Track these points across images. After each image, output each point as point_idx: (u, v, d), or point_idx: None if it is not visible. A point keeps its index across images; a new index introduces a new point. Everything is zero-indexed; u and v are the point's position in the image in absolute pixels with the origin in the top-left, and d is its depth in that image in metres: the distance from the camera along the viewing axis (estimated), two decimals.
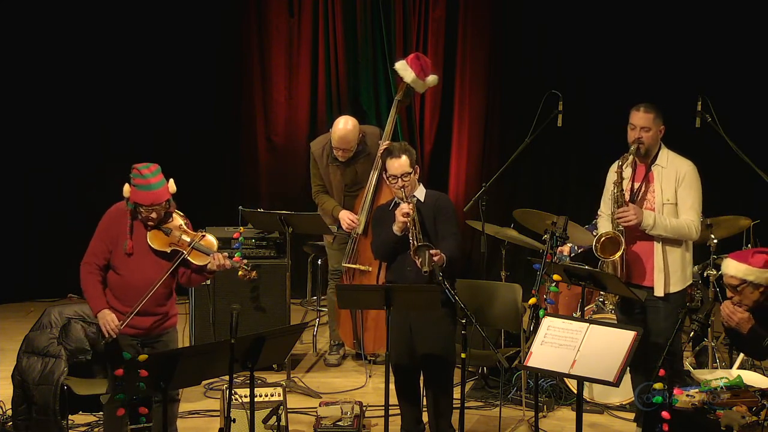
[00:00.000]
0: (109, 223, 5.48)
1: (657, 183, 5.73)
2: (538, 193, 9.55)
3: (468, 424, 6.04)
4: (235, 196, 9.32)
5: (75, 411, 6.08)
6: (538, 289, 5.61)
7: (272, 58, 9.52)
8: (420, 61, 7.37)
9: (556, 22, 9.27)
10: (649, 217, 5.66)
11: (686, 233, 5.72)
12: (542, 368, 4.89)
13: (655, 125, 5.72)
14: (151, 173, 5.40)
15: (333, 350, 7.55)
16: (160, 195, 5.38)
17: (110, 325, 5.38)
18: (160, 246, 5.44)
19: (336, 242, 7.40)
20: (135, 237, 5.44)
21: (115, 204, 5.52)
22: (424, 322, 5.68)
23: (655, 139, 5.75)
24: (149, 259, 5.44)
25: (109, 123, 9.44)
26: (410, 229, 5.59)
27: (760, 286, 4.92)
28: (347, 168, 7.28)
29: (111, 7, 9.27)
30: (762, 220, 7.24)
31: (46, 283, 9.38)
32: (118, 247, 5.43)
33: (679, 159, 5.80)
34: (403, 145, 5.82)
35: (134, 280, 5.41)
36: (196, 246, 5.45)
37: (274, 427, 5.66)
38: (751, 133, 8.24)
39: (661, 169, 5.75)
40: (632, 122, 5.76)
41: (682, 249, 5.76)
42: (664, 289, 5.71)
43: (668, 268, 5.73)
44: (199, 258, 5.49)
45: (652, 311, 5.74)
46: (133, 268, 5.43)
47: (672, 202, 5.71)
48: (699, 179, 5.78)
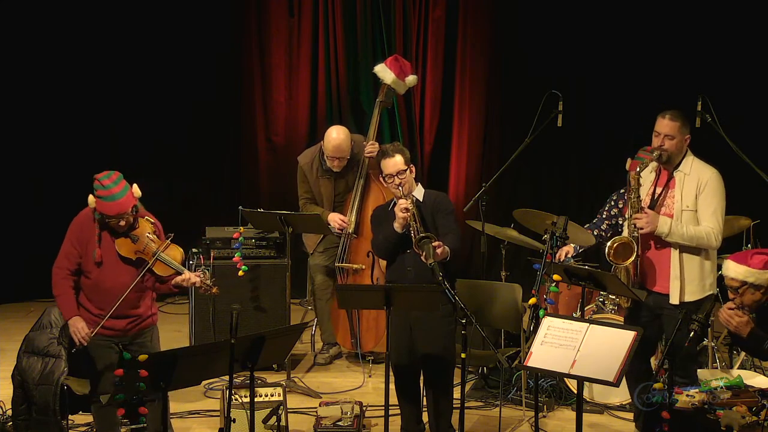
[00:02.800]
0: (79, 229, 5.52)
1: (678, 189, 5.62)
2: (538, 193, 9.55)
3: (468, 424, 6.04)
4: (235, 196, 9.32)
5: (75, 411, 6.08)
6: (538, 289, 5.60)
7: (272, 58, 9.53)
8: (399, 62, 7.54)
9: (556, 22, 9.27)
10: (664, 224, 5.53)
11: (705, 242, 5.56)
12: (542, 368, 4.88)
13: (680, 133, 5.59)
14: (113, 182, 5.39)
15: (323, 349, 7.57)
16: (125, 203, 5.39)
17: (80, 333, 5.47)
18: (127, 253, 5.48)
19: (321, 245, 7.45)
20: (103, 244, 5.47)
21: (84, 210, 5.53)
22: (425, 322, 5.69)
23: (679, 148, 5.62)
24: (118, 265, 5.48)
25: (109, 123, 9.44)
26: (411, 224, 5.61)
27: (761, 287, 4.91)
28: (338, 179, 7.36)
29: (111, 8, 9.28)
30: (762, 220, 7.24)
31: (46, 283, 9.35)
32: (88, 253, 5.47)
33: (703, 166, 5.66)
34: (395, 145, 5.86)
35: (105, 285, 5.47)
36: (159, 257, 5.46)
37: (274, 427, 5.66)
38: (751, 133, 8.24)
39: (683, 176, 5.63)
40: (657, 129, 5.62)
41: (701, 257, 5.60)
42: (680, 298, 5.57)
43: (684, 275, 5.58)
44: (163, 269, 5.52)
45: (667, 320, 5.60)
46: (103, 273, 5.48)
47: (692, 209, 5.58)
48: (723, 187, 5.63)
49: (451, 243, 5.66)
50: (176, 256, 5.55)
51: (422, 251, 5.49)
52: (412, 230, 5.61)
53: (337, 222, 7.24)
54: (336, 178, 7.36)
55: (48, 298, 8.97)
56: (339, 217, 7.26)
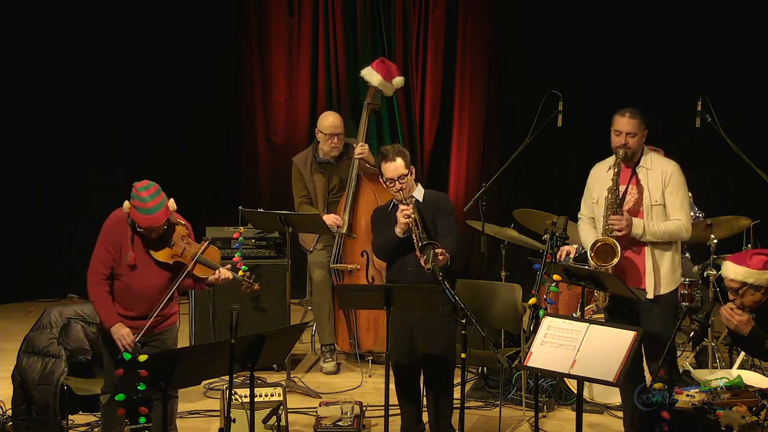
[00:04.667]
0: (111, 231, 5.42)
1: (644, 185, 5.68)
2: (538, 193, 9.55)
3: (468, 424, 6.04)
4: (235, 196, 9.31)
5: (75, 411, 6.08)
6: (538, 289, 5.60)
7: (272, 58, 9.53)
8: (385, 64, 7.62)
9: (556, 22, 9.27)
10: (638, 226, 5.61)
11: (677, 236, 5.68)
12: (542, 368, 4.89)
13: (640, 130, 5.68)
14: (149, 195, 5.30)
15: (327, 357, 7.47)
16: (159, 218, 5.30)
17: (126, 340, 5.35)
18: (164, 258, 5.41)
19: (320, 243, 7.46)
20: (137, 247, 5.40)
21: (115, 211, 5.44)
22: (425, 322, 5.67)
23: (640, 144, 5.71)
24: (151, 268, 5.42)
25: (110, 123, 9.44)
26: (413, 229, 5.60)
27: (761, 287, 4.91)
28: (332, 173, 7.40)
29: (111, 8, 9.28)
30: (762, 220, 7.23)
31: (46, 283, 9.38)
32: (122, 256, 5.39)
33: (662, 160, 5.76)
34: (396, 148, 5.78)
35: (136, 287, 5.41)
36: (200, 260, 5.44)
37: (274, 427, 5.66)
38: (751, 133, 8.25)
39: (646, 171, 5.70)
40: (617, 128, 5.72)
41: (671, 251, 5.71)
42: (655, 291, 5.67)
43: (659, 271, 5.68)
44: (203, 271, 5.48)
45: (645, 314, 5.67)
46: (135, 276, 5.41)
47: (660, 203, 5.66)
48: (684, 178, 5.72)
49: (449, 247, 5.64)
50: (215, 256, 5.52)
51: (424, 256, 5.47)
52: (415, 236, 5.58)
53: (330, 222, 7.26)
54: (330, 173, 7.40)
55: (48, 298, 9.07)
56: (333, 218, 7.29)
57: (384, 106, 9.31)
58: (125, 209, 5.35)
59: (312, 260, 7.53)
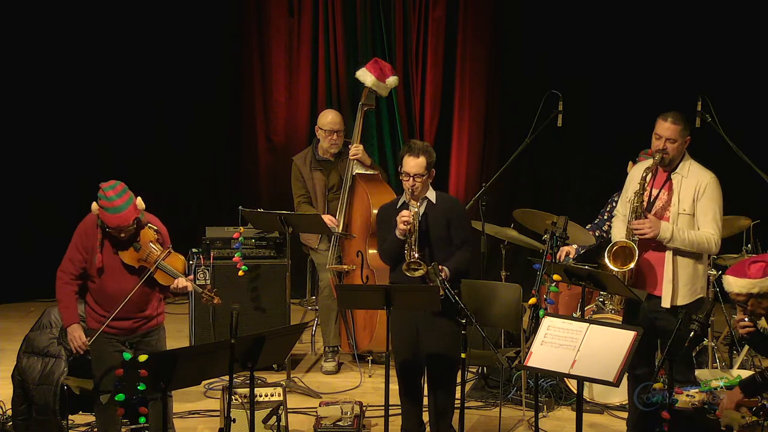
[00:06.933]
0: (83, 235, 5.50)
1: (675, 192, 5.54)
2: (538, 193, 9.55)
3: (468, 424, 6.04)
4: (235, 196, 9.31)
5: (75, 411, 6.09)
6: (538, 289, 5.60)
7: (272, 58, 9.53)
8: (378, 64, 7.65)
9: (556, 22, 9.27)
10: (666, 230, 5.46)
11: (705, 247, 5.51)
12: (542, 368, 4.89)
13: (681, 137, 5.50)
14: (116, 194, 5.33)
15: (329, 357, 7.49)
16: (127, 216, 5.33)
17: (77, 342, 5.49)
18: (130, 261, 5.47)
19: (323, 243, 7.46)
20: (106, 251, 5.46)
21: (88, 215, 5.50)
22: (432, 322, 5.62)
23: (680, 150, 5.54)
24: (121, 272, 5.47)
25: (110, 123, 9.43)
26: (407, 239, 5.52)
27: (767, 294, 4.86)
28: (331, 171, 7.42)
29: (111, 8, 9.27)
30: (762, 220, 7.23)
31: (46, 283, 9.35)
32: (92, 259, 5.46)
33: (701, 170, 5.58)
34: (425, 146, 5.65)
35: (109, 289, 5.47)
36: (160, 266, 5.46)
37: (274, 427, 5.66)
38: (751, 133, 8.25)
39: (681, 178, 5.54)
40: (658, 132, 5.52)
41: (694, 261, 5.54)
42: (671, 301, 5.51)
43: (678, 280, 5.52)
44: (164, 278, 5.50)
45: (663, 325, 5.51)
46: (107, 278, 5.48)
47: (688, 213, 5.51)
48: (720, 192, 5.55)
49: (464, 260, 5.58)
50: (177, 264, 5.53)
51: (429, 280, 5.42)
52: (407, 248, 5.52)
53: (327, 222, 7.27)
54: (329, 171, 7.41)
55: (48, 298, 9.01)
56: (329, 218, 7.29)
57: (384, 106, 9.32)
58: (94, 211, 5.38)
59: (320, 262, 7.52)
